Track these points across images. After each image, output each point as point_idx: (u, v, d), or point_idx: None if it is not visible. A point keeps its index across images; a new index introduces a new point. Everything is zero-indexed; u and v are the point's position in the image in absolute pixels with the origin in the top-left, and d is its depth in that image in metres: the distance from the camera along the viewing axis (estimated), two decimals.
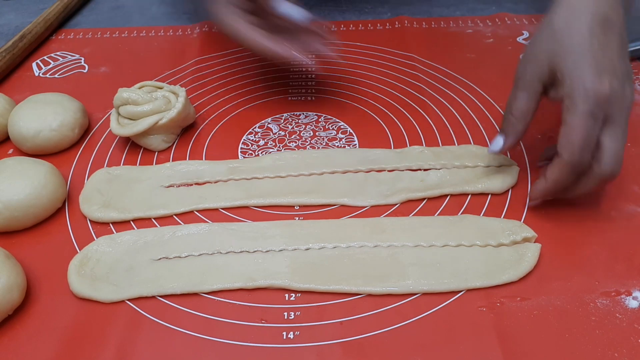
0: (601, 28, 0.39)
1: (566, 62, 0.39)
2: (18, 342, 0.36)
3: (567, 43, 0.39)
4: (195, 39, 0.68)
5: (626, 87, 0.39)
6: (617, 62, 0.39)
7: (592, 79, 0.38)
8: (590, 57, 0.38)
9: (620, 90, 0.38)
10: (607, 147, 0.38)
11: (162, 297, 0.39)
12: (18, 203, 0.42)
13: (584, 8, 0.40)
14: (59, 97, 0.53)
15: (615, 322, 0.36)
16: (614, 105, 0.38)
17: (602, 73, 0.38)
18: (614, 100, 0.38)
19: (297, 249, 0.41)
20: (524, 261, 0.39)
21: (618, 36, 0.40)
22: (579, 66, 0.38)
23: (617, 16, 0.40)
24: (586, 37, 0.39)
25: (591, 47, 0.38)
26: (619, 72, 0.38)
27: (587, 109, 0.37)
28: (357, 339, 0.36)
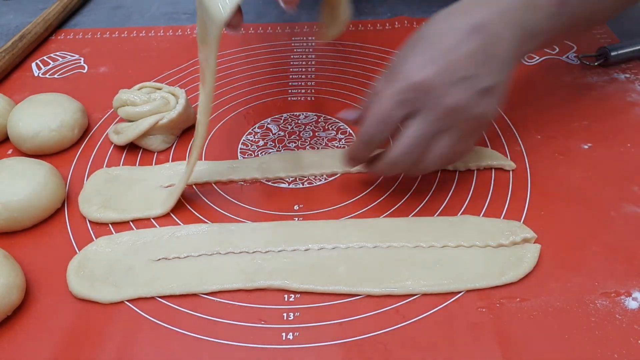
0: (473, 35, 0.38)
1: (409, 50, 0.39)
2: (17, 342, 0.36)
3: (426, 34, 0.39)
4: (195, 38, 0.68)
5: (478, 97, 0.38)
6: (471, 68, 0.37)
7: (415, 66, 0.37)
8: (424, 52, 0.38)
9: (447, 88, 0.37)
10: (404, 136, 0.39)
11: (161, 298, 0.38)
12: (17, 203, 0.42)
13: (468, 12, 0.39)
14: (59, 98, 0.53)
15: (615, 322, 0.36)
16: (429, 99, 0.37)
17: (427, 66, 0.37)
18: (427, 92, 0.37)
19: (296, 249, 0.41)
20: (524, 262, 0.39)
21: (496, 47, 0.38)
22: (411, 55, 0.38)
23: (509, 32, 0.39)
24: (440, 37, 0.38)
25: (435, 45, 0.38)
26: (459, 75, 0.37)
27: (392, 91, 0.38)
28: (356, 340, 0.35)
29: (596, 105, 0.54)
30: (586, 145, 0.49)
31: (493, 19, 0.38)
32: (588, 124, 0.52)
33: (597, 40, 0.63)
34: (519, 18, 0.39)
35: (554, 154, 0.48)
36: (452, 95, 0.37)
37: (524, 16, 0.39)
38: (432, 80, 0.37)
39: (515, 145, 0.50)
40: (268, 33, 0.69)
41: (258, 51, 0.65)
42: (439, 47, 0.38)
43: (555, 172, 0.47)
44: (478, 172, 0.47)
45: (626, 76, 0.57)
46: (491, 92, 0.38)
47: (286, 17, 0.72)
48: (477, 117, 0.39)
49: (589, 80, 0.57)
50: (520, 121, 0.52)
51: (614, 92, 0.55)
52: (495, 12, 0.39)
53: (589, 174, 0.46)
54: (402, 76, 0.38)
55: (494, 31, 0.38)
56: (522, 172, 0.47)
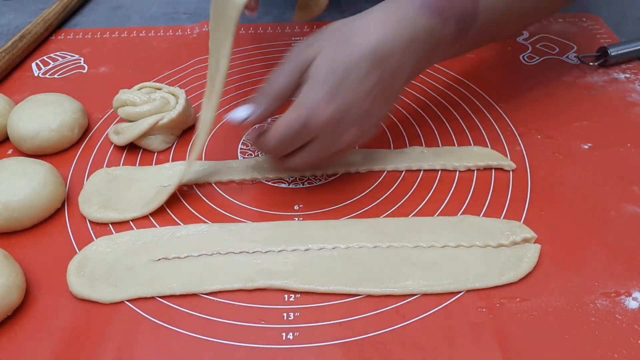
0: (374, 70, 0.38)
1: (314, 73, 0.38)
2: (17, 343, 0.36)
3: (334, 49, 0.38)
4: (195, 39, 0.68)
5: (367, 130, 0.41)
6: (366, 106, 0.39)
7: (321, 101, 0.38)
8: (337, 82, 0.38)
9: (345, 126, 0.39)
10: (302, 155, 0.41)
11: (161, 298, 0.38)
12: (17, 203, 0.42)
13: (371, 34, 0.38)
14: (59, 98, 0.53)
15: (615, 322, 0.36)
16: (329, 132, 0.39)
17: (335, 101, 0.38)
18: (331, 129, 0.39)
19: (296, 249, 0.41)
20: (524, 262, 0.39)
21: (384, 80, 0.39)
22: (320, 82, 0.38)
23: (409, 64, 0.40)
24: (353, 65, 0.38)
25: (349, 76, 0.38)
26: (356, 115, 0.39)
27: (300, 120, 0.38)
28: (356, 340, 0.36)
29: (596, 105, 0.54)
30: (586, 145, 0.49)
31: (396, 48, 0.39)
32: (588, 123, 0.52)
33: (597, 40, 0.63)
34: (421, 48, 0.40)
35: (554, 154, 0.49)
36: (349, 133, 0.40)
37: (426, 47, 0.40)
38: (336, 120, 0.38)
39: (515, 145, 0.50)
40: (268, 33, 0.69)
41: (258, 51, 0.65)
42: (347, 81, 0.38)
43: (555, 172, 0.47)
44: (478, 172, 0.47)
45: (626, 76, 0.57)
46: (378, 120, 0.41)
47: (286, 17, 0.72)
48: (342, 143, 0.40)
49: (588, 80, 0.57)
50: (520, 121, 0.52)
51: (614, 92, 0.56)
52: (399, 41, 0.39)
53: (589, 174, 0.46)
54: (309, 108, 0.38)
55: (396, 63, 0.39)
56: (522, 172, 0.47)
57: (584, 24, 0.67)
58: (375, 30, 0.38)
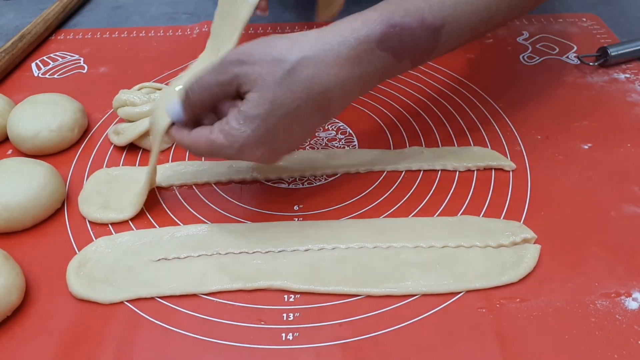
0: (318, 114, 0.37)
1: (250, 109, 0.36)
2: (17, 343, 0.36)
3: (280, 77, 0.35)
4: (195, 39, 0.68)
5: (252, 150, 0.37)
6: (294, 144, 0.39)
7: (252, 142, 0.36)
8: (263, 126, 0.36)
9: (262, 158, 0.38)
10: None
11: (160, 298, 0.38)
12: (17, 204, 0.42)
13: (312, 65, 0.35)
14: (58, 98, 0.53)
15: (615, 323, 0.36)
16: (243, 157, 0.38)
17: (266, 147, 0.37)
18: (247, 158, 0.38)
19: (296, 249, 0.41)
20: (524, 262, 0.39)
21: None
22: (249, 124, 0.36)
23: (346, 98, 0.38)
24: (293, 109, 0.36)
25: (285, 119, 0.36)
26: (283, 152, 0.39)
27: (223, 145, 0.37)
28: (356, 340, 0.35)
29: (596, 106, 0.54)
30: (586, 145, 0.49)
31: (348, 89, 0.38)
32: (588, 124, 0.52)
33: (597, 40, 0.63)
34: (372, 86, 0.40)
35: (553, 154, 0.48)
36: (280, 158, 0.40)
37: (376, 82, 0.40)
38: (267, 157, 0.38)
39: (515, 146, 0.50)
40: (268, 33, 0.69)
41: None
42: (283, 122, 0.36)
43: (555, 172, 0.47)
44: (478, 173, 0.47)
45: (626, 76, 0.57)
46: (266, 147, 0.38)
47: (286, 17, 0.72)
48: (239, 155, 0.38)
49: (589, 81, 0.57)
50: (520, 121, 0.52)
51: (614, 92, 0.56)
52: (353, 82, 0.37)
53: (589, 174, 0.46)
54: (238, 147, 0.36)
55: (338, 105, 0.38)
56: (522, 173, 0.47)
57: (584, 24, 0.67)
58: (326, 75, 0.36)
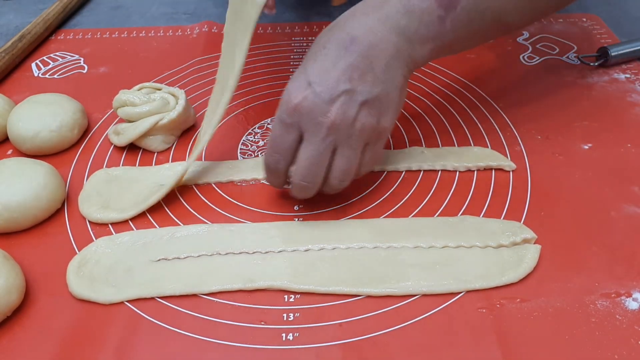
0: (348, 49, 0.38)
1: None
2: (17, 343, 0.36)
3: (310, 52, 0.40)
4: (195, 39, 0.68)
5: (356, 112, 0.38)
6: (346, 84, 0.37)
7: (293, 89, 0.38)
8: (306, 71, 0.38)
9: (324, 107, 0.37)
10: (297, 161, 0.39)
11: (161, 299, 0.38)
12: (17, 204, 0.42)
13: (347, 23, 0.39)
14: (58, 98, 0.53)
15: (615, 323, 0.36)
16: (308, 118, 0.38)
17: (306, 87, 0.37)
18: (308, 113, 0.37)
19: (296, 250, 0.41)
20: (524, 262, 0.39)
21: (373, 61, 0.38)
22: (293, 76, 0.39)
23: (388, 40, 0.38)
24: (321, 52, 0.38)
25: (316, 62, 0.38)
26: (334, 93, 0.37)
27: (278, 116, 0.39)
28: (356, 341, 0.35)
29: (596, 106, 0.54)
30: (586, 145, 0.49)
31: (371, 28, 0.38)
32: (588, 124, 0.52)
33: (597, 40, 0.63)
34: (400, 24, 0.38)
35: (554, 155, 0.48)
36: (329, 114, 0.37)
37: (404, 22, 0.38)
38: (309, 102, 0.37)
39: (515, 146, 0.50)
40: (268, 33, 0.69)
41: (258, 51, 0.65)
42: (315, 66, 0.38)
43: (555, 173, 0.47)
44: (478, 173, 0.47)
45: (626, 76, 0.57)
46: (370, 104, 0.38)
47: (287, 17, 0.72)
48: (362, 130, 0.38)
49: (589, 81, 0.57)
50: (521, 121, 0.52)
51: (614, 92, 0.56)
52: (372, 22, 0.38)
53: (589, 175, 0.46)
54: (284, 100, 0.38)
55: (370, 41, 0.38)
56: (522, 173, 0.47)
57: (584, 24, 0.67)
58: (343, 18, 0.40)
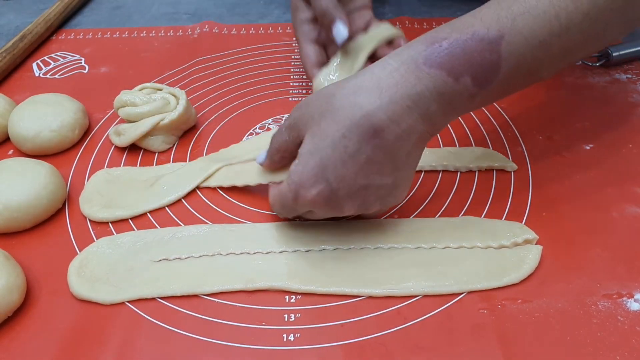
0: (370, 141, 0.34)
1: (303, 147, 0.36)
2: (17, 343, 0.36)
3: (322, 116, 0.36)
4: (196, 39, 0.68)
5: (375, 200, 0.37)
6: (366, 178, 0.35)
7: (304, 178, 0.36)
8: (321, 159, 0.35)
9: (342, 201, 0.36)
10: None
11: (162, 299, 0.38)
12: (18, 204, 0.42)
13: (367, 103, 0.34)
14: (59, 98, 0.53)
15: (616, 324, 0.36)
16: (321, 211, 0.37)
17: (322, 181, 0.35)
18: (320, 207, 0.37)
19: (297, 250, 0.41)
20: (525, 263, 0.39)
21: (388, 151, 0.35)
22: (307, 158, 0.36)
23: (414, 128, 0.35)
24: (340, 141, 0.35)
25: (334, 152, 0.35)
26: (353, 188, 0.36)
27: (287, 197, 0.37)
28: (357, 341, 0.35)
29: (598, 106, 0.54)
30: (588, 146, 0.49)
31: (399, 115, 0.34)
32: (590, 124, 0.51)
33: None
34: (430, 110, 0.35)
35: (555, 155, 0.48)
36: (344, 209, 0.37)
37: (434, 107, 0.35)
38: (323, 198, 0.36)
39: (516, 146, 0.50)
40: (269, 33, 0.69)
41: (259, 51, 0.65)
42: (333, 157, 0.35)
43: (556, 173, 0.47)
44: (479, 173, 0.47)
45: (628, 77, 0.57)
46: (388, 192, 0.37)
47: (287, 17, 0.72)
48: (374, 210, 0.39)
49: (590, 81, 0.57)
50: (522, 122, 0.52)
51: (616, 92, 0.55)
52: (401, 107, 0.34)
53: (591, 175, 0.46)
54: (295, 187, 0.36)
55: (396, 134, 0.35)
56: (524, 173, 0.47)
57: None
58: (366, 98, 0.35)
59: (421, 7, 0.72)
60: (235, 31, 0.69)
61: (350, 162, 0.35)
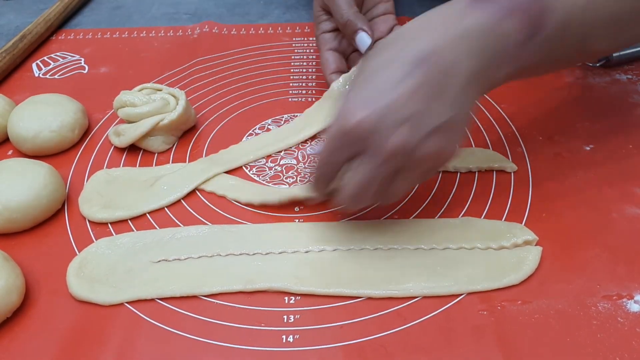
0: (418, 67, 0.34)
1: (355, 81, 0.37)
2: (17, 344, 0.36)
3: (374, 62, 0.37)
4: (196, 39, 0.68)
5: (426, 137, 0.34)
6: (416, 106, 0.34)
7: (353, 106, 0.35)
8: (368, 87, 0.35)
9: (388, 130, 0.34)
10: (346, 180, 0.37)
11: (161, 300, 0.38)
12: (17, 204, 0.42)
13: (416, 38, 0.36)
14: (59, 98, 0.53)
15: (616, 325, 0.35)
16: (368, 141, 0.35)
17: (368, 106, 0.34)
18: (367, 135, 0.34)
19: (297, 251, 0.41)
20: (525, 264, 0.39)
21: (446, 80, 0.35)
22: (355, 88, 0.36)
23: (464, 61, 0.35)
24: (386, 68, 0.35)
25: (380, 78, 0.35)
26: (402, 115, 0.34)
27: (333, 133, 0.36)
28: (357, 343, 0.35)
29: (598, 107, 0.54)
30: (588, 146, 0.49)
31: (444, 46, 0.35)
32: (590, 125, 0.51)
33: None
34: (478, 45, 0.35)
35: (555, 156, 0.48)
36: (394, 137, 0.34)
37: (483, 43, 0.35)
38: (370, 124, 0.34)
39: (516, 147, 0.50)
40: (269, 33, 0.69)
41: (259, 52, 0.65)
42: (382, 82, 0.35)
43: (556, 174, 0.47)
44: (479, 174, 0.47)
45: (628, 77, 0.57)
46: (442, 129, 0.35)
47: (287, 17, 0.72)
48: (427, 158, 0.36)
49: (590, 81, 0.57)
50: (522, 122, 0.52)
51: (616, 93, 0.55)
52: (448, 38, 0.35)
53: (591, 176, 0.46)
54: (342, 116, 0.35)
55: (446, 60, 0.35)
56: (524, 174, 0.47)
57: None
58: (413, 34, 0.36)
59: (421, 7, 0.71)
60: (235, 31, 0.69)
61: (401, 86, 0.34)
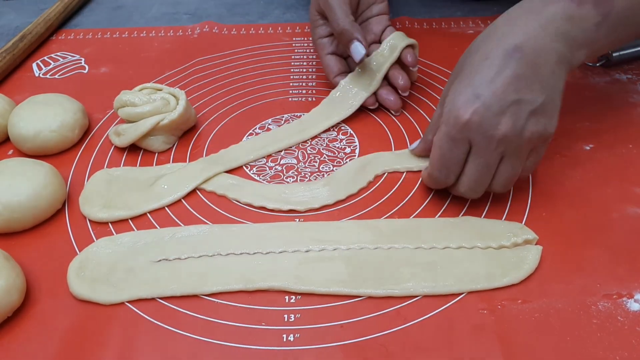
0: (512, 58, 0.38)
1: (455, 82, 0.41)
2: (17, 344, 0.36)
3: (469, 61, 0.41)
4: (196, 39, 0.68)
5: (527, 120, 0.38)
6: (515, 94, 0.38)
7: (460, 104, 0.39)
8: (472, 83, 0.39)
9: (494, 120, 0.38)
10: (466, 172, 0.41)
11: (161, 299, 0.38)
12: (18, 204, 0.42)
13: (506, 33, 0.40)
14: (59, 98, 0.53)
15: (616, 325, 0.36)
16: (479, 132, 0.38)
17: (474, 100, 0.38)
18: (478, 127, 0.38)
19: (297, 250, 0.41)
20: (525, 263, 0.39)
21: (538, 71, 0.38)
22: (457, 89, 0.40)
23: (551, 46, 0.39)
24: (484, 63, 0.39)
25: (481, 73, 0.39)
26: (504, 104, 0.38)
27: (447, 132, 0.39)
28: (357, 342, 0.35)
29: (598, 106, 0.54)
30: (588, 146, 0.49)
31: (533, 35, 0.38)
32: (590, 124, 0.51)
33: None
34: (561, 30, 0.39)
35: (555, 155, 0.48)
36: (500, 126, 0.38)
37: (565, 28, 0.39)
38: (479, 116, 0.38)
39: None
40: (269, 33, 0.69)
41: (259, 51, 0.65)
42: (480, 78, 0.39)
43: (556, 173, 0.47)
44: None
45: (628, 77, 0.57)
46: (540, 110, 0.39)
47: (287, 17, 0.72)
48: (531, 139, 0.39)
49: (590, 81, 0.57)
50: None
51: (616, 93, 0.55)
52: (534, 28, 0.39)
53: (591, 175, 0.46)
54: (452, 115, 0.39)
55: (534, 48, 0.38)
56: None
57: None
58: (504, 28, 0.40)
59: (421, 7, 0.71)
60: (235, 31, 0.69)
61: (498, 79, 0.38)
